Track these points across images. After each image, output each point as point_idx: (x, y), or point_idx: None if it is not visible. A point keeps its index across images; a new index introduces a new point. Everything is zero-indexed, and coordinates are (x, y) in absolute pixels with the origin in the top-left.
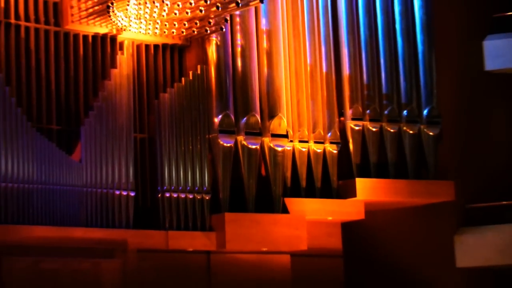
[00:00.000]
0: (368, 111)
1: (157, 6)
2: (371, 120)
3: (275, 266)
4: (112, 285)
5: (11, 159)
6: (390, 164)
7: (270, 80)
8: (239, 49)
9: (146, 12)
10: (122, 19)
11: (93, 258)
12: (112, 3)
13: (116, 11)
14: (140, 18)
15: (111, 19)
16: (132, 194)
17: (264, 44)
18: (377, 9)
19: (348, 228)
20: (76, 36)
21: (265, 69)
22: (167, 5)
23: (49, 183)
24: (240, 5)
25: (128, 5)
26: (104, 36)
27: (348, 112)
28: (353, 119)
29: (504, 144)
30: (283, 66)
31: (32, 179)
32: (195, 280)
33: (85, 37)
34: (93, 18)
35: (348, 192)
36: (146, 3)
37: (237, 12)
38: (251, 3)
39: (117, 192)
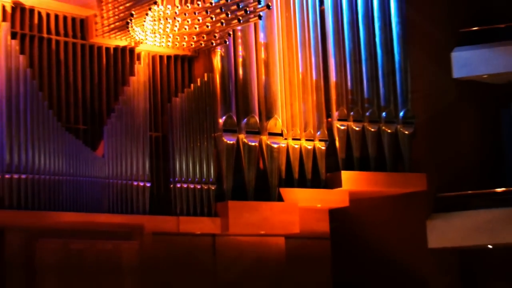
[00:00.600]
0: (352, 113)
1: (169, 22)
2: (354, 121)
3: (272, 247)
4: (130, 263)
5: (43, 155)
6: (371, 158)
7: (267, 86)
8: (240, 60)
9: (160, 27)
10: (139, 33)
11: (114, 240)
12: (130, 20)
13: (134, 26)
14: (155, 33)
15: (129, 34)
16: (148, 184)
17: (262, 55)
18: (359, 25)
19: (334, 214)
20: (99, 48)
21: (263, 77)
22: (178, 21)
23: (76, 175)
24: (241, 21)
25: (144, 21)
26: (123, 48)
27: (335, 114)
28: (339, 120)
29: (469, 142)
30: (278, 74)
31: (62, 171)
32: (202, 259)
33: (107, 49)
34: (114, 33)
35: (334, 183)
36: (160, 19)
37: (239, 27)
38: (250, 20)
39: (135, 183)
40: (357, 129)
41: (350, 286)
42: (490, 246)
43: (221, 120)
